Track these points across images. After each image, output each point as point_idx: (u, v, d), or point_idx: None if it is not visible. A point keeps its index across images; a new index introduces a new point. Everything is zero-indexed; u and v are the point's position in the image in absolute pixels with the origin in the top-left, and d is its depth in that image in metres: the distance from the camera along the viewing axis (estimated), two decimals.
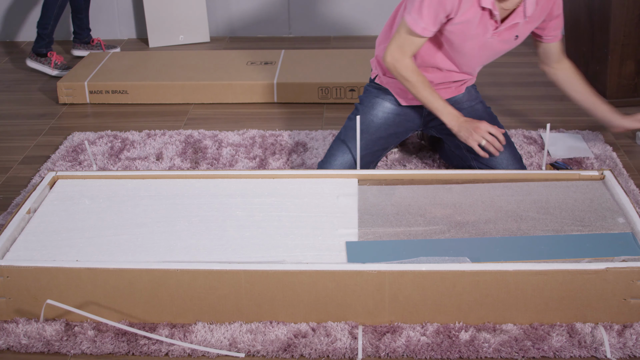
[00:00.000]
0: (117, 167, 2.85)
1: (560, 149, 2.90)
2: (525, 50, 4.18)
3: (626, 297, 1.91)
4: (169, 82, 3.50)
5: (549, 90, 3.57)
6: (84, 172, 2.45)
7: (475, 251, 2.00)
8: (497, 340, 1.89)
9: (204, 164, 2.85)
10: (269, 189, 2.34)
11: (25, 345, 1.92)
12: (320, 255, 2.01)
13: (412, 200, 2.25)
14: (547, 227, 2.11)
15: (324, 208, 2.24)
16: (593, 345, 1.88)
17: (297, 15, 4.48)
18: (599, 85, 3.38)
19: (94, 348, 1.91)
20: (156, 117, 3.38)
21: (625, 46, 3.25)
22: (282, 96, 3.47)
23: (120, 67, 3.70)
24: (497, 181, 2.34)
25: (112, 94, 3.51)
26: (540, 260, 1.96)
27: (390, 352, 1.88)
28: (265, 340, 1.91)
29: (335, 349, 1.88)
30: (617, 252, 1.98)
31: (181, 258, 2.01)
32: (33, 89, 3.74)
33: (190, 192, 2.33)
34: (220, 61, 3.75)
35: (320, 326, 1.95)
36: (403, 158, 2.87)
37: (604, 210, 2.19)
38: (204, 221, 2.18)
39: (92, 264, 1.94)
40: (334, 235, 2.11)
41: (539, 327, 1.93)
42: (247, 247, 2.06)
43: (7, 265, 1.95)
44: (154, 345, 1.91)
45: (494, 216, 2.17)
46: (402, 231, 2.11)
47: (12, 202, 2.65)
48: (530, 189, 2.30)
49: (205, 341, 1.91)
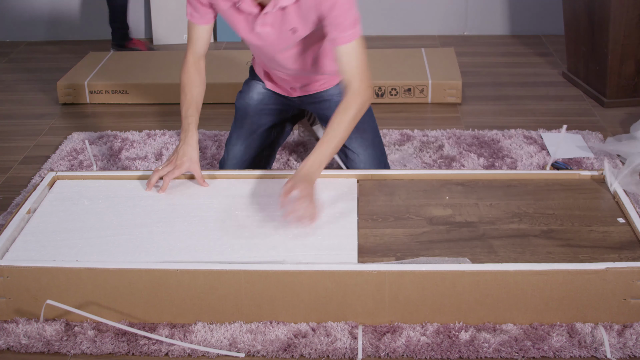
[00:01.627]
0: (117, 167, 2.85)
1: (560, 149, 2.90)
2: (525, 50, 4.19)
3: (626, 297, 1.91)
4: (169, 82, 3.50)
5: (549, 90, 3.57)
6: (84, 172, 2.45)
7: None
8: (497, 340, 1.89)
9: (204, 164, 2.85)
10: (269, 189, 2.34)
11: (25, 345, 1.92)
12: (320, 255, 2.01)
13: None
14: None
15: (323, 208, 2.24)
16: (593, 345, 1.88)
17: None
18: (599, 85, 3.39)
19: (94, 348, 1.91)
20: (156, 117, 3.38)
21: (625, 46, 3.25)
22: None
23: (120, 67, 3.70)
24: (497, 181, 2.34)
25: (112, 94, 3.51)
26: (540, 260, 1.96)
27: (390, 352, 1.87)
28: (265, 340, 1.91)
29: (335, 349, 1.88)
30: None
31: (181, 258, 2.01)
32: (33, 89, 3.75)
33: (189, 193, 2.33)
34: (221, 61, 3.75)
35: (320, 326, 1.95)
36: (403, 158, 2.87)
37: (604, 210, 2.19)
38: (204, 221, 2.18)
39: (92, 264, 1.94)
40: (334, 236, 2.10)
41: (539, 327, 1.93)
42: (247, 247, 2.06)
43: (7, 265, 1.95)
44: (154, 345, 1.91)
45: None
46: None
47: (12, 202, 2.65)
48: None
49: (205, 341, 1.91)
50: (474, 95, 3.52)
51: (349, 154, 2.51)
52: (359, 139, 2.49)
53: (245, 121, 2.59)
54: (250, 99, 2.60)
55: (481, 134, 3.05)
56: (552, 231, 2.09)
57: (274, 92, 2.59)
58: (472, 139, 3.01)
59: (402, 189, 2.31)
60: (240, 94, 2.63)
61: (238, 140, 2.58)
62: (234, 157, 2.57)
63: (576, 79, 3.58)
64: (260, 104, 2.59)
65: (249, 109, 2.59)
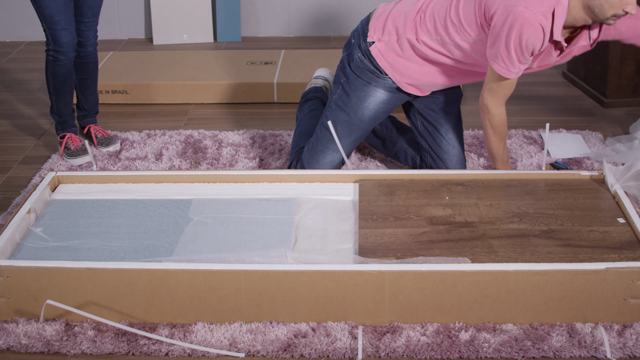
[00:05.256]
0: (117, 167, 2.85)
1: (560, 149, 2.90)
2: None
3: (626, 297, 1.91)
4: (169, 82, 3.50)
5: (549, 91, 3.57)
6: (84, 172, 2.45)
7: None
8: (497, 340, 1.89)
9: (204, 164, 2.86)
10: (268, 190, 2.35)
11: (25, 345, 1.92)
12: (320, 255, 2.01)
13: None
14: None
15: (323, 208, 2.24)
16: (593, 345, 1.88)
17: (297, 15, 4.48)
18: (599, 85, 3.39)
19: (94, 348, 1.91)
20: (156, 117, 3.38)
21: (625, 46, 3.25)
22: (282, 96, 3.47)
23: (120, 67, 3.70)
24: (497, 181, 2.35)
25: (112, 94, 3.51)
26: (540, 260, 1.96)
27: (390, 352, 1.87)
28: (265, 340, 1.91)
29: (335, 349, 1.88)
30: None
31: (181, 258, 2.01)
32: (33, 89, 3.74)
33: (190, 193, 2.33)
34: (221, 61, 3.75)
35: (320, 326, 1.95)
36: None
37: (604, 210, 2.19)
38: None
39: (92, 264, 1.94)
40: (334, 236, 2.11)
41: (539, 327, 1.93)
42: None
43: (7, 265, 1.95)
44: (154, 345, 1.91)
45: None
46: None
47: (12, 202, 2.65)
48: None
49: (205, 341, 1.91)
50: (474, 95, 3.52)
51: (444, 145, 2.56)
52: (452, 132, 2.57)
53: (352, 133, 2.53)
54: (366, 109, 2.51)
55: (481, 134, 3.05)
56: (552, 231, 2.09)
57: (392, 96, 2.51)
58: (472, 139, 3.01)
59: (402, 189, 2.31)
60: (348, 99, 2.51)
61: (342, 148, 2.53)
62: (330, 164, 2.55)
63: (576, 79, 3.58)
64: (376, 116, 2.54)
65: (362, 122, 2.52)
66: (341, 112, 2.51)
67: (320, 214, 2.22)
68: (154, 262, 1.96)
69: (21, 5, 4.47)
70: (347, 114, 2.51)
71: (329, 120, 2.51)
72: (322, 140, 2.55)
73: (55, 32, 2.71)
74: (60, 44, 2.74)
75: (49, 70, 2.81)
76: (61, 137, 2.95)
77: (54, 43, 2.74)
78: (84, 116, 3.06)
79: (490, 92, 2.33)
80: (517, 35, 2.16)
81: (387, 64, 2.45)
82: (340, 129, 2.52)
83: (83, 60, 2.92)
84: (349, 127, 2.52)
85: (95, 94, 3.05)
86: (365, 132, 2.55)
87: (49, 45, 2.76)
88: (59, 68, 2.79)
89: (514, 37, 2.17)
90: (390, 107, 2.54)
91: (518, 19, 2.15)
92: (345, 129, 2.52)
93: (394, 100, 2.53)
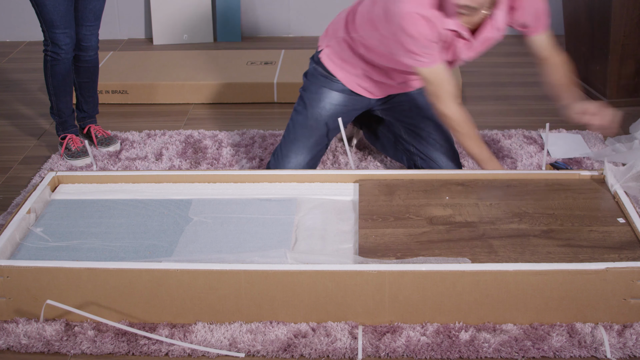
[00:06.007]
0: (117, 167, 2.85)
1: (560, 149, 2.90)
2: (525, 50, 4.18)
3: (626, 297, 1.91)
4: (169, 82, 3.50)
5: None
6: (84, 172, 2.45)
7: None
8: (497, 340, 1.89)
9: (204, 164, 2.86)
10: (268, 190, 2.35)
11: (25, 345, 1.92)
12: (320, 255, 2.01)
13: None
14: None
15: (323, 208, 2.24)
16: (593, 345, 1.88)
17: (297, 15, 4.48)
18: (599, 85, 3.39)
19: (94, 348, 1.91)
20: (156, 117, 3.38)
21: (625, 46, 3.25)
22: (282, 96, 3.47)
23: (120, 67, 3.70)
24: (497, 181, 2.34)
25: (112, 94, 3.51)
26: (540, 260, 1.96)
27: (390, 352, 1.87)
28: (265, 340, 1.91)
29: (335, 349, 1.88)
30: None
31: (181, 258, 2.01)
32: (33, 89, 3.74)
33: (189, 193, 2.33)
34: (221, 61, 3.75)
35: (320, 326, 1.95)
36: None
37: (604, 210, 2.19)
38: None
39: (92, 264, 1.94)
40: (334, 236, 2.11)
41: (539, 327, 1.93)
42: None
43: (7, 265, 1.95)
44: (154, 345, 1.91)
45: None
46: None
47: (12, 202, 2.65)
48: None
49: (205, 341, 1.91)
50: (474, 95, 3.52)
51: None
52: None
53: (313, 133, 2.56)
54: (322, 109, 2.57)
55: (481, 133, 3.05)
56: (552, 231, 2.09)
57: (348, 98, 2.57)
58: None
59: (402, 189, 2.31)
60: (307, 98, 2.58)
61: (304, 151, 2.57)
62: (295, 167, 2.56)
63: (576, 79, 3.58)
64: (334, 116, 2.57)
65: (319, 122, 2.56)
66: (299, 116, 2.58)
67: (320, 214, 2.22)
68: (154, 262, 1.96)
69: (21, 5, 4.47)
70: (304, 116, 2.57)
71: (290, 122, 2.59)
72: (285, 142, 2.59)
73: (54, 35, 2.71)
74: (59, 45, 2.74)
75: (47, 70, 2.81)
76: (62, 138, 2.95)
77: (53, 44, 2.74)
78: (83, 117, 3.06)
79: (432, 96, 2.35)
80: (400, 29, 2.22)
81: (336, 67, 2.55)
82: (299, 131, 2.57)
83: (84, 64, 2.92)
84: (308, 129, 2.56)
85: (96, 96, 3.05)
86: (324, 136, 2.58)
87: (47, 46, 2.76)
88: (57, 67, 2.79)
89: (399, 32, 2.23)
90: (348, 110, 2.59)
91: (396, 14, 2.22)
92: (304, 131, 2.56)
93: (351, 102, 2.58)
